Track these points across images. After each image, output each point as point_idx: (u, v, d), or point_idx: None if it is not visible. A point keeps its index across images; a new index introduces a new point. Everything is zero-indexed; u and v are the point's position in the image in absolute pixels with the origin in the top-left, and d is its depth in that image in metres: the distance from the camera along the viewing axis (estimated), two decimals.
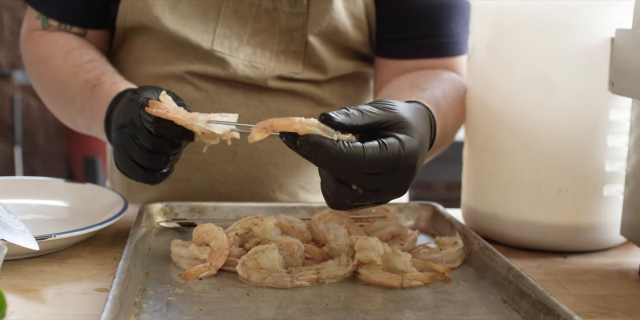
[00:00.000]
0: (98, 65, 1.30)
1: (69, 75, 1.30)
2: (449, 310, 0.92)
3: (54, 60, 1.33)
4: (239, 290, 0.97)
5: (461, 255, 1.09)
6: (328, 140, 0.89)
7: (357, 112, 0.92)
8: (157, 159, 1.07)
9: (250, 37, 1.35)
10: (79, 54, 1.32)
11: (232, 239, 1.05)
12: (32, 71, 1.41)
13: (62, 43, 1.35)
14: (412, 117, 0.96)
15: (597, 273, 1.12)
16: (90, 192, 1.28)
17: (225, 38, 1.34)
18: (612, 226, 1.19)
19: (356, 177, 0.90)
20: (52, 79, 1.34)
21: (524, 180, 1.20)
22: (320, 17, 1.33)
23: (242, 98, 1.37)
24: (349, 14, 1.35)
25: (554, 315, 0.86)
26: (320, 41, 1.35)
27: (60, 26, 1.37)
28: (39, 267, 1.04)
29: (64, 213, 1.24)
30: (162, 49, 1.37)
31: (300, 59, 1.36)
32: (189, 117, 1.03)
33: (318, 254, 1.06)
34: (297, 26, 1.34)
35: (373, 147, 0.89)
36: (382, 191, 0.93)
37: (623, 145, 1.17)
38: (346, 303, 0.93)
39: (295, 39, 1.35)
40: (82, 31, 1.38)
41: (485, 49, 1.23)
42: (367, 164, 0.89)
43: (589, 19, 1.14)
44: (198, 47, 1.33)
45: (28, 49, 1.40)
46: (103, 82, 1.24)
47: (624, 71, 1.09)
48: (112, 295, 0.83)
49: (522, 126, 1.19)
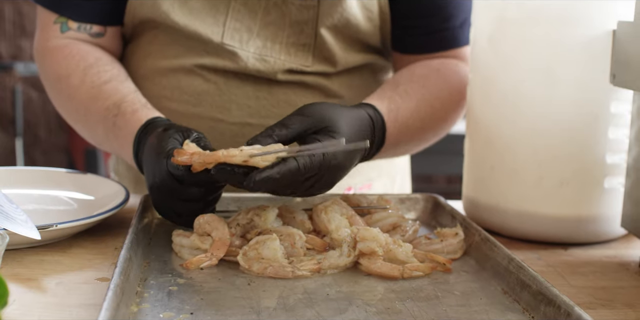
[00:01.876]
0: (117, 87, 1.29)
1: (89, 98, 1.29)
2: (450, 300, 0.93)
3: (71, 79, 1.31)
4: (240, 280, 0.97)
5: (462, 247, 1.09)
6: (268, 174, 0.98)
7: (284, 130, 1.05)
8: (190, 206, 1.08)
9: (260, 30, 1.35)
10: (97, 73, 1.31)
11: (234, 229, 1.05)
12: (50, 87, 1.39)
13: (78, 58, 1.33)
14: (339, 120, 1.08)
15: (597, 265, 1.12)
16: (91, 183, 1.28)
17: (235, 31, 1.34)
18: (613, 218, 1.20)
19: (290, 188, 1.03)
20: (73, 102, 1.33)
21: (525, 172, 1.20)
22: (333, 10, 1.33)
23: (251, 90, 1.37)
24: (361, 5, 1.35)
25: (554, 306, 0.86)
26: (331, 34, 1.35)
27: (79, 27, 1.36)
28: (41, 256, 1.05)
29: (65, 203, 1.24)
30: (171, 42, 1.36)
31: (310, 51, 1.36)
32: (225, 154, 1.00)
33: (319, 244, 1.06)
34: (308, 19, 1.34)
35: (295, 166, 1.00)
36: (313, 188, 1.06)
37: (624, 138, 1.18)
38: (347, 293, 0.94)
39: (305, 32, 1.35)
40: (102, 30, 1.37)
41: (487, 41, 1.23)
42: (297, 179, 1.01)
43: (591, 11, 1.14)
44: (208, 40, 1.33)
45: (45, 64, 1.38)
46: (124, 111, 1.23)
47: (626, 64, 1.09)
48: (113, 284, 0.83)
49: (524, 118, 1.19)
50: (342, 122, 1.07)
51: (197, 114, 1.35)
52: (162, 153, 1.07)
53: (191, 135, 1.10)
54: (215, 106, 1.36)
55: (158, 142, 1.10)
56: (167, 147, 1.07)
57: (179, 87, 1.37)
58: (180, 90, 1.37)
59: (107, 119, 1.26)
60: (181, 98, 1.36)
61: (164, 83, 1.37)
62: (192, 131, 1.11)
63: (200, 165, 1.02)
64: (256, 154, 0.99)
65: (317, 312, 0.87)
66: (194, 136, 1.10)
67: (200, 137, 1.11)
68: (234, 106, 1.36)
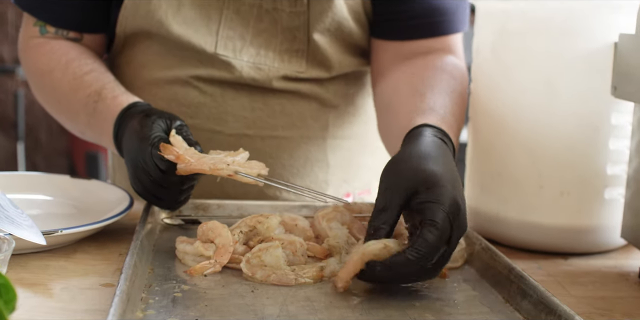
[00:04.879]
0: (98, 77, 1.31)
1: (70, 89, 1.31)
2: (451, 309, 0.94)
3: (54, 73, 1.34)
4: (244, 287, 0.98)
5: (463, 256, 1.10)
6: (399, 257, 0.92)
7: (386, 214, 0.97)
8: (170, 192, 1.12)
9: (253, 38, 1.36)
10: (78, 65, 1.33)
11: (237, 237, 1.06)
12: (34, 82, 1.41)
13: (60, 53, 1.35)
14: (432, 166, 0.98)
15: (597, 275, 1.13)
16: (95, 189, 1.29)
17: (228, 39, 1.34)
18: (613, 229, 1.21)
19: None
20: (55, 93, 1.35)
21: (526, 182, 1.21)
22: (323, 14, 1.34)
23: (247, 101, 1.38)
24: (349, 9, 1.36)
25: (555, 315, 0.87)
26: (324, 38, 1.36)
27: (57, 32, 1.37)
28: (45, 261, 1.05)
29: (69, 209, 1.25)
30: (165, 53, 1.37)
31: (304, 57, 1.37)
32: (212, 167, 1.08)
33: (320, 251, 1.07)
34: (299, 25, 1.35)
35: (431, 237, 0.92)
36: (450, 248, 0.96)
37: (625, 149, 1.19)
38: (349, 301, 0.94)
39: (297, 38, 1.36)
40: (78, 36, 1.38)
41: (489, 52, 1.24)
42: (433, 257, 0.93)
43: (593, 23, 1.16)
44: (202, 51, 1.34)
45: (28, 60, 1.41)
46: (104, 97, 1.26)
47: (627, 76, 1.10)
48: (119, 290, 0.84)
49: (525, 129, 1.20)
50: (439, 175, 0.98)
51: (194, 125, 1.36)
52: (145, 140, 1.11)
53: (174, 123, 1.14)
54: (212, 118, 1.37)
55: (141, 127, 1.13)
56: (152, 135, 1.11)
57: (176, 99, 1.38)
58: (177, 102, 1.38)
59: (88, 105, 1.28)
60: (178, 110, 1.37)
61: (161, 95, 1.38)
62: (175, 118, 1.15)
63: (185, 171, 1.09)
64: (240, 172, 1.05)
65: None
66: (177, 124, 1.14)
67: (183, 125, 1.15)
68: (231, 118, 1.37)
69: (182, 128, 1.15)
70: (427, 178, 0.96)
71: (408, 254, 0.92)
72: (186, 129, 1.16)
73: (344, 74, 1.42)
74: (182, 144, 1.11)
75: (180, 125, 1.15)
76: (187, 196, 1.16)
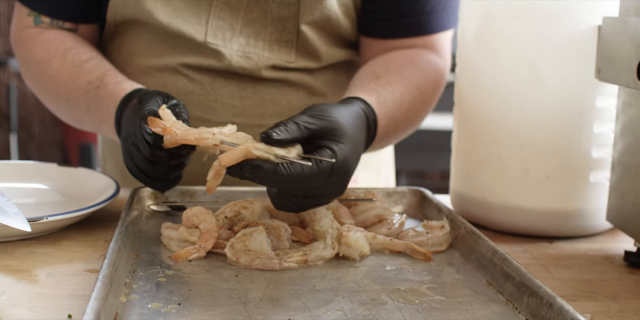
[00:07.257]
0: (98, 64, 1.31)
1: (70, 76, 1.31)
2: (435, 292, 0.94)
3: (52, 62, 1.33)
4: (228, 271, 0.98)
5: (447, 239, 1.11)
6: (267, 164, 0.95)
7: (294, 126, 0.99)
8: (158, 169, 1.10)
9: (242, 28, 1.36)
10: (77, 53, 1.33)
11: (221, 222, 1.06)
12: (29, 72, 1.40)
13: (57, 42, 1.35)
14: (345, 123, 1.04)
15: (582, 258, 1.14)
16: (82, 176, 1.29)
17: (218, 29, 1.35)
18: (599, 212, 1.21)
19: (296, 191, 0.99)
20: (52, 81, 1.34)
21: (512, 166, 1.21)
22: (313, 7, 1.34)
23: (236, 90, 1.38)
24: (339, 2, 1.36)
25: (537, 297, 0.87)
26: (312, 30, 1.36)
27: (52, 22, 1.37)
28: (31, 248, 1.06)
29: (56, 196, 1.25)
30: (155, 41, 1.37)
31: (293, 47, 1.37)
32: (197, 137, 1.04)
33: (304, 236, 1.07)
34: (289, 15, 1.35)
35: (309, 166, 0.96)
36: (320, 196, 1.02)
37: (609, 132, 1.19)
38: (333, 285, 0.95)
39: (287, 28, 1.36)
40: (74, 26, 1.38)
41: (474, 37, 1.24)
42: (305, 182, 0.97)
43: (577, 7, 1.16)
44: (191, 39, 1.34)
45: (22, 50, 1.40)
46: (107, 83, 1.25)
47: (611, 59, 1.10)
48: (102, 275, 0.84)
49: (510, 113, 1.20)
50: (348, 127, 1.05)
51: None
52: (138, 112, 1.10)
53: (171, 101, 1.13)
54: (201, 106, 1.37)
55: (138, 102, 1.13)
56: (145, 108, 1.10)
57: (165, 86, 1.38)
58: (166, 90, 1.37)
59: (88, 92, 1.27)
60: None
61: (150, 82, 1.38)
62: (173, 98, 1.15)
63: (171, 143, 1.06)
64: (226, 142, 1.02)
65: (303, 303, 0.89)
66: (173, 102, 1.13)
67: (179, 104, 1.14)
68: (219, 106, 1.38)
69: (177, 106, 1.13)
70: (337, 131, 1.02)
71: (279, 168, 0.95)
72: (181, 107, 1.14)
73: (333, 63, 1.42)
74: (171, 117, 1.08)
75: (176, 104, 1.14)
76: (176, 176, 1.14)
